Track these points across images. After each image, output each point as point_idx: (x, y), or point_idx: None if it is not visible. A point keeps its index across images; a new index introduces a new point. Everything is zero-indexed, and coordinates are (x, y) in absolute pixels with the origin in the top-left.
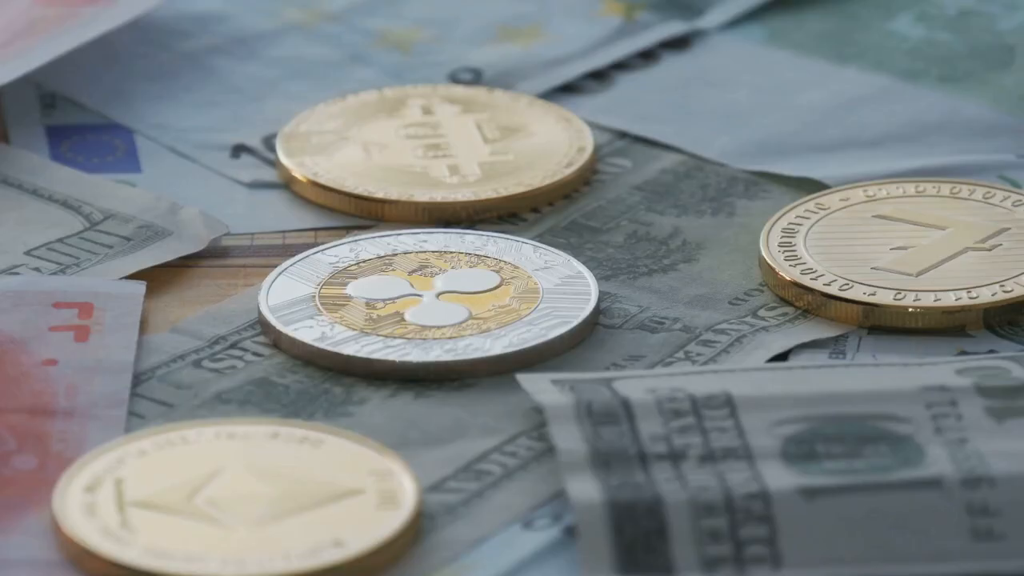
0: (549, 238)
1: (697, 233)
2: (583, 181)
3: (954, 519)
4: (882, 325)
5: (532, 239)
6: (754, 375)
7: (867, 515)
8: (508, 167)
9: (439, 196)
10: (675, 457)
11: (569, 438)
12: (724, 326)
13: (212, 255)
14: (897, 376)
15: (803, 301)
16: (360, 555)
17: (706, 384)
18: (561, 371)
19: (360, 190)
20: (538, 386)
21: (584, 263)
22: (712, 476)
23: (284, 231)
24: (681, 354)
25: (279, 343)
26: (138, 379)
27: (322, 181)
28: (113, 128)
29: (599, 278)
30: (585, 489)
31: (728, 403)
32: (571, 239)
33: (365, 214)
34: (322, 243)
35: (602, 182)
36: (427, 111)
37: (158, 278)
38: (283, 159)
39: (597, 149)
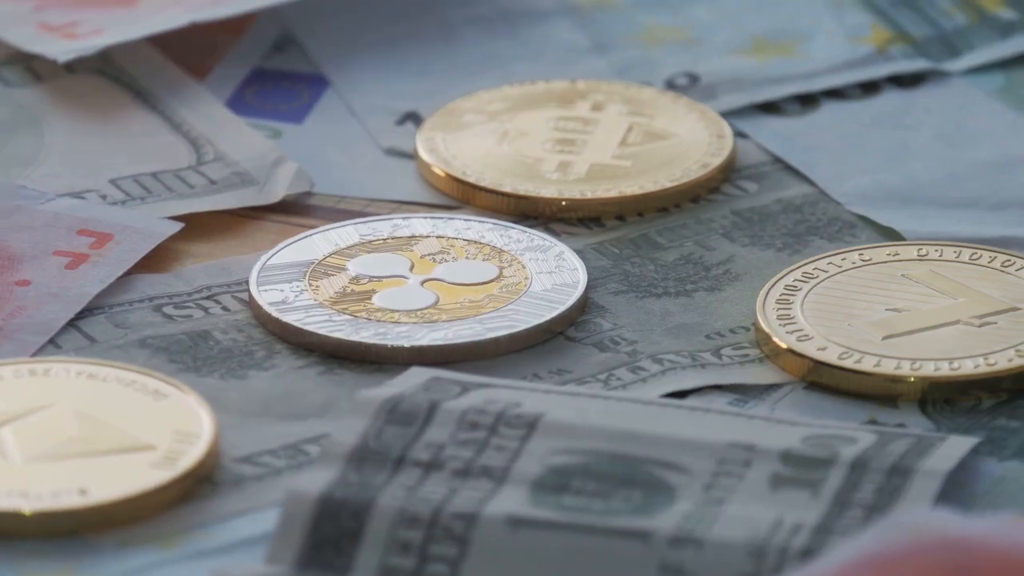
0: (605, 247)
1: (746, 265)
2: (689, 197)
3: (641, 567)
4: (820, 382)
5: (589, 245)
6: (587, 402)
7: (563, 555)
8: (616, 172)
9: (522, 189)
10: (431, 467)
11: (346, 431)
12: (670, 357)
13: (289, 210)
14: (721, 427)
15: (767, 347)
16: (95, 505)
17: (539, 404)
18: (482, 373)
19: (459, 172)
20: (408, 381)
21: (612, 275)
22: (446, 490)
23: (371, 199)
24: (604, 375)
25: (249, 301)
26: (89, 312)
27: (431, 158)
28: (312, 79)
29: (612, 292)
30: (312, 480)
31: (530, 425)
32: (624, 250)
33: (459, 196)
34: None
35: (711, 201)
36: (596, 107)
37: (219, 224)
38: (419, 132)
39: (734, 169)
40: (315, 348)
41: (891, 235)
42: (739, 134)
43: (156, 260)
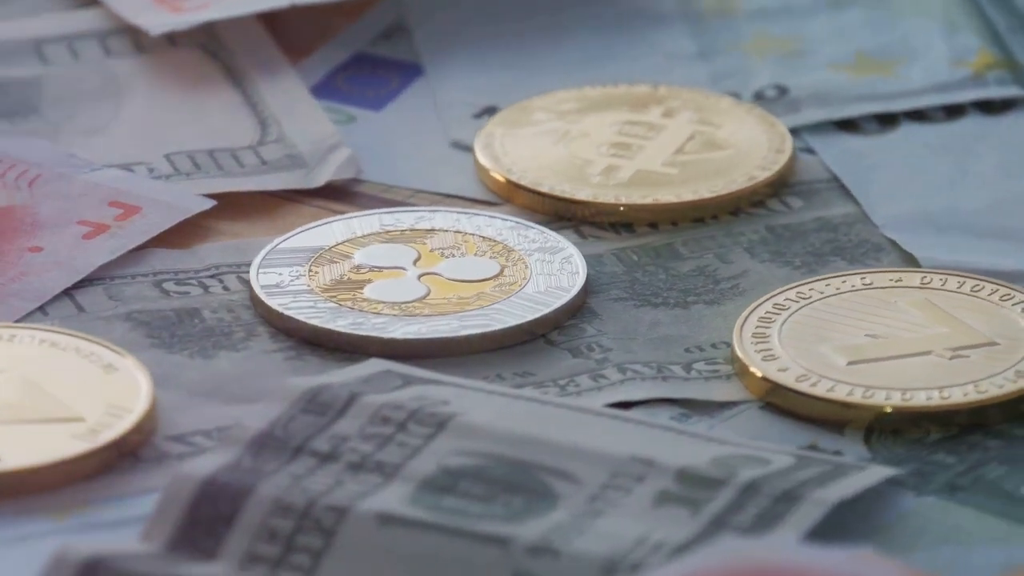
0: (626, 253)
1: (756, 281)
2: (729, 209)
3: (494, 573)
4: (776, 404)
5: (611, 251)
6: (516, 405)
7: (422, 555)
8: (659, 179)
9: (558, 190)
10: (327, 458)
11: (259, 417)
12: (636, 367)
13: (332, 196)
14: (632, 440)
15: (736, 364)
16: (3, 472)
17: (466, 403)
18: (448, 370)
19: (503, 169)
20: (357, 371)
21: (620, 282)
22: (332, 482)
23: (417, 190)
24: (564, 381)
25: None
26: (89, 282)
27: (483, 153)
28: (406, 68)
29: (612, 299)
30: (204, 463)
31: (440, 424)
32: (643, 258)
33: (502, 193)
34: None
35: (750, 215)
36: (667, 114)
37: (259, 205)
38: (483, 127)
39: (786, 185)
40: (293, 333)
41: (915, 261)
42: (807, 150)
43: (184, 236)
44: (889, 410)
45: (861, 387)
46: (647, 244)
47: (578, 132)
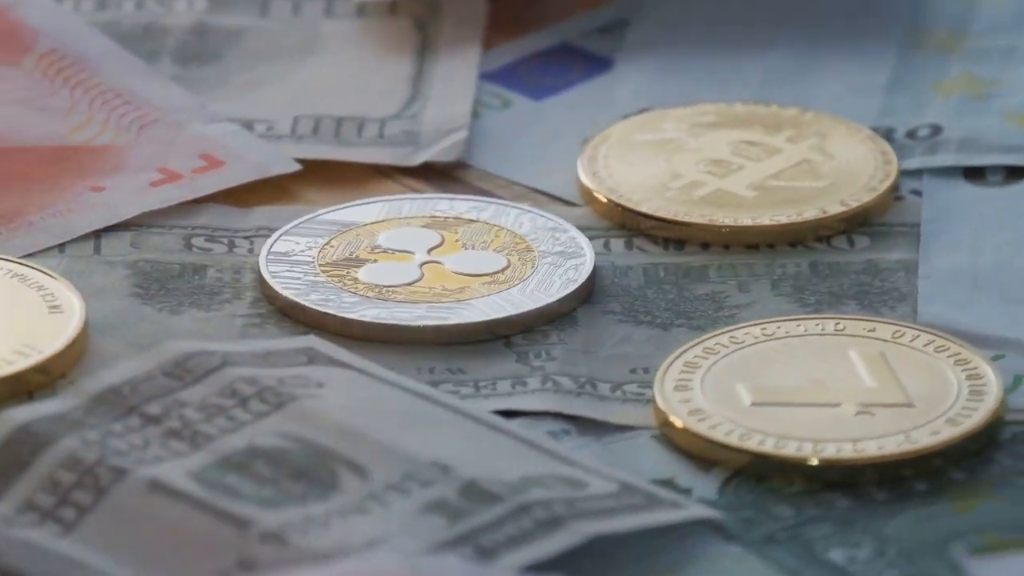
0: (656, 269)
1: (757, 312)
2: (788, 240)
3: (224, 552)
4: (667, 434)
5: (643, 264)
6: (378, 396)
7: (171, 525)
8: (733, 201)
9: (624, 199)
10: (151, 422)
11: (119, 373)
12: (562, 379)
13: (425, 176)
14: (449, 444)
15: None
16: None
17: (336, 388)
18: (392, 357)
19: (587, 175)
20: (272, 344)
21: (624, 296)
22: (141, 444)
23: (513, 182)
24: (486, 382)
25: None
26: (125, 227)
27: (583, 159)
28: (598, 62)
29: (604, 311)
30: (34, 409)
31: (278, 405)
32: (668, 276)
33: (584, 196)
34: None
35: (807, 248)
36: (792, 139)
37: (354, 176)
38: (602, 130)
39: (864, 223)
40: (272, 302)
41: None
42: (919, 192)
43: (258, 196)
44: (759, 457)
45: (742, 429)
46: (682, 263)
47: (694, 145)
